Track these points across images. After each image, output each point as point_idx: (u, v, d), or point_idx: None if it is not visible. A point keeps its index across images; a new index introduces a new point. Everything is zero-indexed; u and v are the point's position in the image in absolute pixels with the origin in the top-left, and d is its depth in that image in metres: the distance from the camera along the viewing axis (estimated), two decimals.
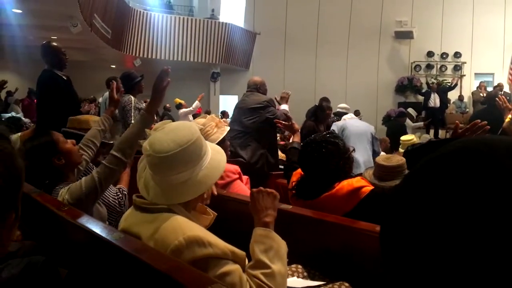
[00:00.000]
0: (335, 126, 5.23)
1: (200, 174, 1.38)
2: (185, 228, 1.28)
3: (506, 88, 12.51)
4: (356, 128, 5.05)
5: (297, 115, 6.57)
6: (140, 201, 1.43)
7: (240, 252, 1.33)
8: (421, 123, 11.70)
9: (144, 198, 1.42)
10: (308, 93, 13.38)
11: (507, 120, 3.64)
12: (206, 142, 1.49)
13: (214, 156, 1.46)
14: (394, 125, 10.76)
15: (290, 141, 3.57)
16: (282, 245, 1.42)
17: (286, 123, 3.44)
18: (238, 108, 4.66)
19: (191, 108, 9.28)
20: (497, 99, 3.82)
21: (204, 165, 1.40)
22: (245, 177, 2.82)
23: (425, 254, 0.49)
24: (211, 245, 1.24)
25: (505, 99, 3.71)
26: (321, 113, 5.65)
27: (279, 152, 5.05)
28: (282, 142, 5.75)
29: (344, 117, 5.69)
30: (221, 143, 2.41)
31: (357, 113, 12.59)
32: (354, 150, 2.29)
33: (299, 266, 1.72)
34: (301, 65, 14.48)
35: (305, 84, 13.67)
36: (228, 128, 2.62)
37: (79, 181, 1.98)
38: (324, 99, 5.56)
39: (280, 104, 4.76)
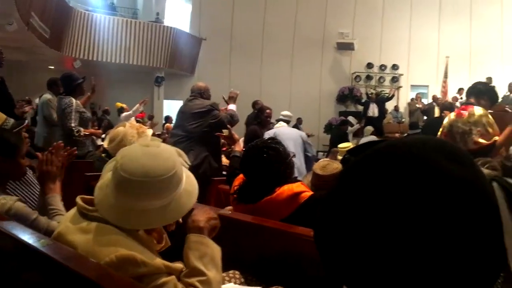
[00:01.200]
0: (267, 135, 5.31)
1: (158, 212, 1.31)
2: (119, 245, 1.24)
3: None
4: (287, 136, 5.17)
5: (242, 120, 6.60)
6: (82, 206, 1.35)
7: (176, 266, 1.30)
8: (358, 125, 12.14)
9: (88, 203, 1.37)
10: (253, 99, 13.43)
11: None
12: (182, 175, 1.41)
13: (183, 197, 1.39)
14: (336, 133, 11.10)
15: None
16: (216, 251, 1.41)
17: (226, 135, 3.45)
18: (181, 113, 4.63)
19: (130, 112, 9.06)
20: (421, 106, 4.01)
21: (167, 204, 1.33)
22: None
23: (357, 254, 0.50)
24: (145, 264, 1.21)
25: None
26: (262, 115, 5.74)
27: (223, 158, 5.03)
28: (224, 148, 5.74)
29: (277, 125, 5.81)
30: None
31: (299, 121, 12.94)
32: (294, 155, 2.33)
33: (237, 272, 1.72)
34: (246, 72, 14.72)
35: (250, 91, 13.78)
36: (151, 131, 2.57)
37: (46, 219, 1.87)
38: (256, 103, 5.67)
39: (228, 103, 4.75)
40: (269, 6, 15.29)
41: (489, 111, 3.86)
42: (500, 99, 11.79)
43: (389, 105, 14.69)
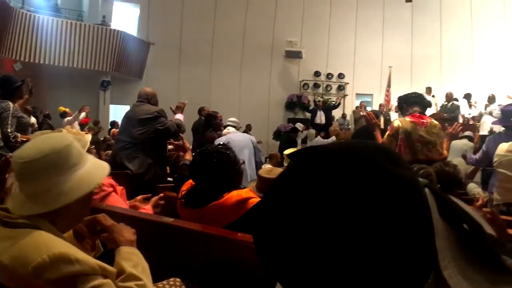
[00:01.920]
0: (219, 141, 5.30)
1: (66, 185, 1.34)
2: (50, 244, 1.22)
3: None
4: (239, 143, 5.18)
5: (190, 127, 6.53)
6: (2, 214, 1.30)
7: (111, 269, 1.28)
8: (306, 132, 12.39)
9: (8, 210, 1.33)
10: (203, 106, 13.40)
11: (385, 137, 3.92)
12: (86, 155, 1.49)
13: (91, 170, 1.43)
14: (285, 140, 11.22)
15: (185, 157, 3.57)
16: (147, 265, 1.46)
17: (178, 142, 3.43)
18: (127, 118, 4.55)
19: (71, 118, 8.79)
20: (365, 113, 4.13)
21: (73, 177, 1.36)
22: (119, 188, 2.73)
23: (295, 252, 0.51)
24: (79, 262, 1.19)
25: (373, 115, 4.00)
26: (215, 119, 5.75)
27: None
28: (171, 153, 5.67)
29: (226, 130, 5.80)
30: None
31: (249, 128, 13.02)
32: (244, 162, 2.35)
33: (177, 280, 1.70)
34: (195, 78, 14.78)
35: (200, 97, 13.77)
36: (89, 136, 2.50)
37: None
38: (202, 109, 5.64)
39: (175, 113, 4.70)
40: (219, 13, 15.46)
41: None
42: (439, 108, 12.46)
43: (336, 113, 15.12)
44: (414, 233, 0.51)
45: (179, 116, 4.64)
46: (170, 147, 5.97)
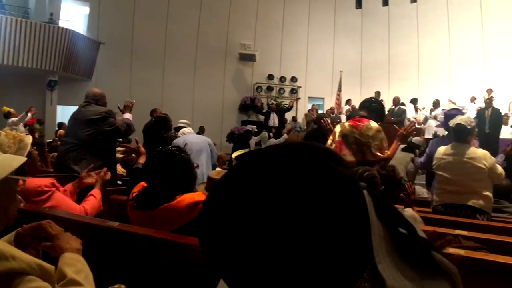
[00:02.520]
0: (175, 143, 5.22)
1: None
2: None
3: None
4: (197, 145, 5.13)
5: (141, 128, 6.44)
6: None
7: (49, 266, 1.23)
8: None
9: None
10: (155, 107, 13.19)
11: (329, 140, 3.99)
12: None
13: (2, 159, 1.38)
14: (239, 142, 11.22)
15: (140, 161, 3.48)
16: (90, 274, 1.44)
17: (132, 146, 3.37)
18: (73, 119, 4.41)
19: (16, 119, 8.43)
20: (322, 120, 4.21)
21: None
22: (62, 190, 2.64)
23: (239, 248, 0.52)
24: (15, 259, 1.13)
25: (329, 121, 4.09)
26: (168, 122, 5.69)
27: (118, 166, 4.83)
28: (120, 155, 5.51)
29: (183, 131, 5.72)
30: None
31: (202, 130, 12.98)
32: (197, 166, 2.34)
33: (122, 286, 1.64)
34: (148, 79, 14.64)
35: (152, 98, 13.58)
36: (30, 138, 2.39)
37: None
38: (155, 111, 5.57)
39: (123, 112, 4.59)
40: (172, 13, 15.38)
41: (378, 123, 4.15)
42: (386, 112, 12.89)
43: (289, 116, 15.38)
44: (352, 228, 0.53)
45: (127, 116, 4.54)
46: (120, 148, 5.83)
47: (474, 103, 13.22)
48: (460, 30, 15.40)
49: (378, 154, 3.79)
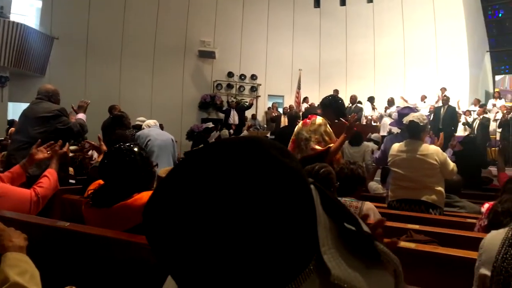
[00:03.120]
0: (139, 135, 5.12)
1: None
2: None
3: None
4: (160, 142, 5.06)
5: (99, 126, 6.31)
6: None
7: None
8: (217, 133, 12.45)
9: None
10: (112, 104, 12.88)
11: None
12: None
13: None
14: (198, 140, 11.10)
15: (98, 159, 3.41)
16: (37, 272, 1.38)
17: (94, 143, 3.29)
18: (24, 116, 4.26)
19: None
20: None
21: None
22: (4, 175, 2.58)
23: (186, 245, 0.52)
24: None
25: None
26: (126, 119, 5.56)
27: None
28: (72, 154, 5.34)
29: (148, 123, 5.61)
30: None
31: (161, 127, 12.65)
32: (157, 165, 2.31)
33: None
34: (104, 75, 14.29)
35: (109, 95, 13.25)
36: None
37: None
38: (114, 108, 5.46)
39: (77, 112, 4.46)
40: (129, 8, 15.07)
41: (336, 120, 4.24)
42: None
43: (249, 113, 15.39)
44: (298, 218, 0.55)
45: (81, 116, 4.42)
46: (72, 147, 5.66)
47: (425, 101, 13.73)
48: (414, 30, 15.92)
49: (316, 147, 3.87)
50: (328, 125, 4.01)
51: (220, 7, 16.56)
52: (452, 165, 3.82)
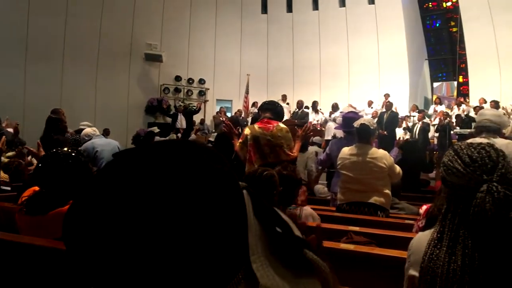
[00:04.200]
0: (85, 148, 4.97)
1: None
2: None
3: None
4: (108, 153, 4.92)
5: (39, 132, 6.05)
6: None
7: None
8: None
9: None
10: (53, 108, 12.35)
11: (237, 144, 4.05)
12: None
13: None
14: (143, 144, 10.88)
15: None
16: None
17: (33, 150, 3.15)
18: None
19: None
20: (224, 124, 4.24)
21: None
22: None
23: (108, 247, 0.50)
24: None
25: (231, 126, 4.11)
26: (62, 123, 5.34)
27: (2, 173, 4.49)
28: (7, 160, 5.07)
29: (86, 132, 5.45)
30: None
31: (106, 132, 12.42)
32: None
33: None
34: (45, 78, 13.71)
35: (50, 99, 12.64)
36: None
37: None
38: (54, 111, 5.29)
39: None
40: (71, 8, 14.42)
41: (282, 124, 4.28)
42: (291, 115, 13.36)
43: (197, 118, 15.27)
44: (229, 227, 0.54)
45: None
46: (9, 154, 5.40)
47: (372, 107, 14.25)
48: (357, 38, 16.48)
49: (290, 153, 3.94)
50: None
51: (167, 10, 16.35)
52: (398, 168, 3.96)
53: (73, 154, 2.17)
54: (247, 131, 4.07)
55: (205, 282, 0.52)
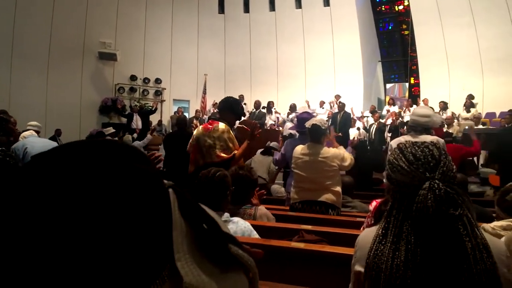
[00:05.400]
0: (14, 147, 4.77)
1: None
2: None
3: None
4: (39, 149, 4.71)
5: None
6: None
7: None
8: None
9: None
10: (1, 109, 11.79)
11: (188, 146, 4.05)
12: None
13: None
14: None
15: None
16: None
17: None
18: None
19: None
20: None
21: None
22: None
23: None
24: None
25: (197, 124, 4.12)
26: (7, 124, 5.09)
27: None
28: None
29: (23, 134, 5.27)
30: None
31: (58, 132, 12.09)
32: None
33: None
34: None
35: None
36: None
37: None
38: (1, 112, 5.05)
39: None
40: (21, 5, 13.79)
41: (238, 124, 4.28)
42: (248, 115, 13.40)
43: (153, 118, 14.96)
44: (153, 225, 0.54)
45: None
46: None
47: (323, 107, 14.50)
48: (313, 39, 16.76)
49: (222, 154, 3.92)
50: (230, 131, 4.06)
51: (122, 7, 15.96)
52: (349, 159, 4.03)
53: (0, 156, 2.07)
54: (195, 132, 4.13)
55: (127, 282, 0.51)
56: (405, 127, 11.60)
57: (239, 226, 2.41)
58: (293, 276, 1.89)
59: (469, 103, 12.16)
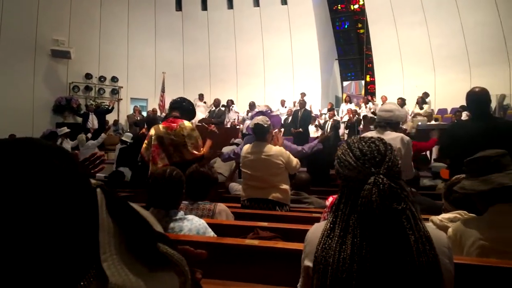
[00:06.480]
0: None
1: None
2: None
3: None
4: None
5: None
6: None
7: None
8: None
9: None
10: None
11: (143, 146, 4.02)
12: None
13: None
14: None
15: None
16: None
17: None
18: None
19: None
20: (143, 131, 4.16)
21: None
22: None
23: None
24: None
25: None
26: None
27: None
28: None
29: None
30: None
31: (10, 136, 11.48)
32: None
33: None
34: None
35: None
36: None
37: None
38: None
39: None
40: None
41: (198, 123, 4.26)
42: (207, 113, 13.34)
43: (110, 117, 14.62)
44: (77, 226, 0.54)
45: None
46: None
47: (285, 106, 14.66)
48: (271, 37, 16.87)
49: (195, 152, 3.91)
50: (196, 129, 4.06)
51: (75, 3, 15.41)
52: (295, 161, 4.09)
53: None
54: (151, 131, 4.07)
55: (50, 284, 0.50)
56: (361, 124, 11.90)
57: (193, 223, 2.39)
58: (247, 273, 1.90)
59: (422, 100, 12.59)
